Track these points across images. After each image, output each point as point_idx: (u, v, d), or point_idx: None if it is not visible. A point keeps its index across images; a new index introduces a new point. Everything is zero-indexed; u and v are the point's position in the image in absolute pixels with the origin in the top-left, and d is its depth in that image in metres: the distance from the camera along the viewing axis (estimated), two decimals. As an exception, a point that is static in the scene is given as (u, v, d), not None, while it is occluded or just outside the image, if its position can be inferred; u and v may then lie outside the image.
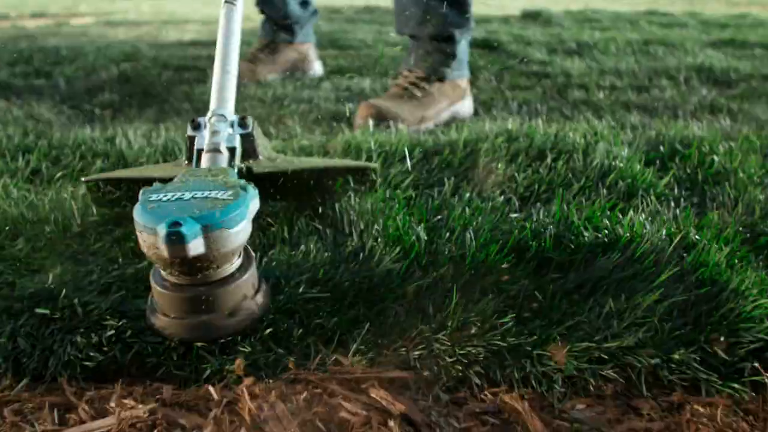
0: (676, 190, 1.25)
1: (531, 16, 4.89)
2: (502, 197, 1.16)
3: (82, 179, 1.02)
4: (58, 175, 1.19)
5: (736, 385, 0.76)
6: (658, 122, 1.86)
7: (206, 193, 0.74)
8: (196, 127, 0.96)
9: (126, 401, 0.70)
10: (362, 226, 0.99)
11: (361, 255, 0.93)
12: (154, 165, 1.10)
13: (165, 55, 2.67)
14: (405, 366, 0.77)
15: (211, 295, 0.73)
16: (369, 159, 1.30)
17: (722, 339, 0.79)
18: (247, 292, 0.76)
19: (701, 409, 0.73)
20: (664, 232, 0.97)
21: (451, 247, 0.95)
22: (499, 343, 0.79)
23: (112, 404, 0.69)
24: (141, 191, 0.76)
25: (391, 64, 2.69)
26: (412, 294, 0.86)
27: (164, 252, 0.67)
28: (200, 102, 1.95)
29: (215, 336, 0.75)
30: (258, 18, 2.48)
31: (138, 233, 0.71)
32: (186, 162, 1.00)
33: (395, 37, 3.53)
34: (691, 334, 0.81)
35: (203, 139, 0.93)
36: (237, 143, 0.94)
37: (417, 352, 0.78)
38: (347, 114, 1.83)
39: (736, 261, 0.94)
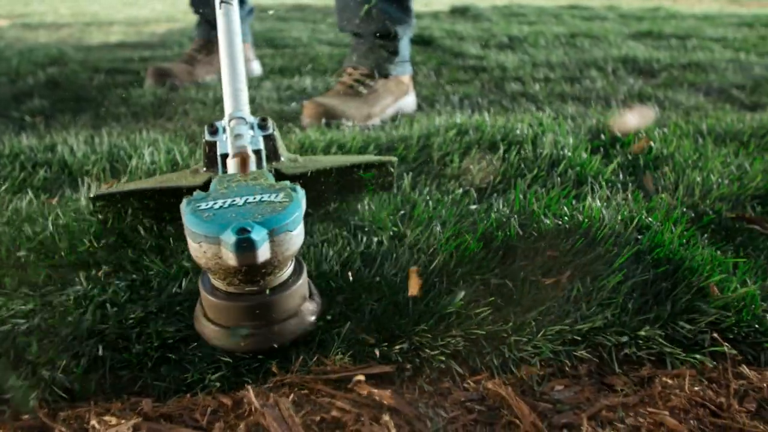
0: (621, 176, 1.31)
1: (459, 12, 4.98)
2: (461, 189, 1.18)
3: (90, 195, 0.97)
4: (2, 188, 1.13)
5: (698, 356, 0.80)
6: (594, 111, 1.94)
7: (258, 197, 0.72)
8: (214, 131, 0.93)
9: (106, 418, 0.67)
10: (330, 225, 0.98)
11: (333, 253, 0.92)
12: (167, 174, 1.05)
13: (93, 58, 2.55)
14: (387, 361, 0.78)
15: (271, 302, 0.72)
16: (322, 154, 1.29)
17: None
18: (303, 297, 0.76)
19: (669, 381, 0.77)
20: (619, 216, 1.02)
21: (420, 240, 0.96)
22: (476, 331, 0.81)
23: (93, 423, 0.66)
24: (184, 201, 0.73)
25: (330, 62, 2.68)
26: (387, 289, 0.86)
27: (231, 260, 0.65)
28: (138, 105, 1.89)
29: (278, 343, 0.74)
30: (184, 17, 2.41)
31: (195, 244, 0.68)
32: (204, 168, 0.96)
33: (330, 35, 3.52)
34: (653, 311, 0.86)
35: (225, 144, 0.90)
36: (262, 145, 0.92)
37: (398, 346, 0.79)
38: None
39: (684, 241, 1.00)
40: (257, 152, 0.89)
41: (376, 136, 1.45)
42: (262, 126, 0.95)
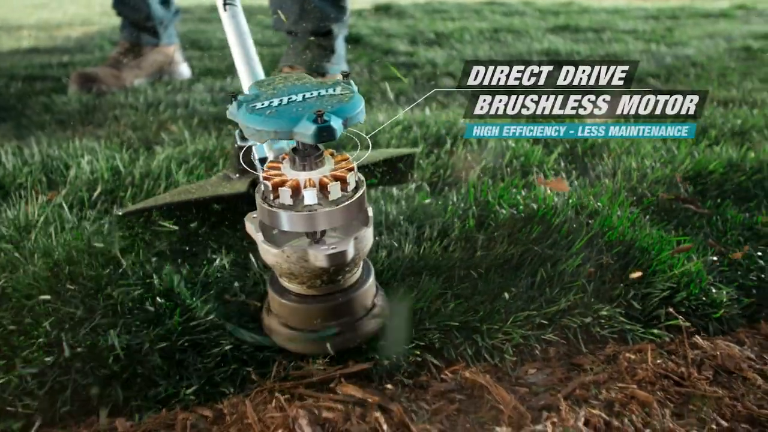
0: (562, 164, 1.36)
1: (383, 9, 5.01)
2: (414, 184, 1.20)
3: (119, 212, 0.92)
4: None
5: (655, 331, 0.85)
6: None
7: (316, 93, 0.69)
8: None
9: (80, 442, 0.64)
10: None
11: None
12: (191, 185, 0.99)
13: (6, 64, 2.40)
14: (364, 359, 0.78)
15: (352, 300, 0.74)
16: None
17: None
18: (375, 293, 0.78)
19: (633, 356, 0.81)
20: (570, 203, 1.05)
21: (383, 237, 0.96)
22: (448, 323, 0.82)
23: (67, 448, 0.63)
24: (234, 104, 0.70)
25: (261, 62, 2.63)
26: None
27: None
28: (63, 113, 1.79)
29: (363, 339, 0.76)
30: (100, 19, 2.30)
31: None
32: (237, 174, 0.94)
33: (257, 35, 3.46)
34: (611, 291, 0.90)
35: (262, 147, 0.87)
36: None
37: (374, 345, 0.79)
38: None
39: (630, 223, 1.05)
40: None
41: (322, 136, 1.43)
42: None
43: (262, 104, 0.68)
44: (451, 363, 0.79)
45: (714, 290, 0.91)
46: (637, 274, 0.89)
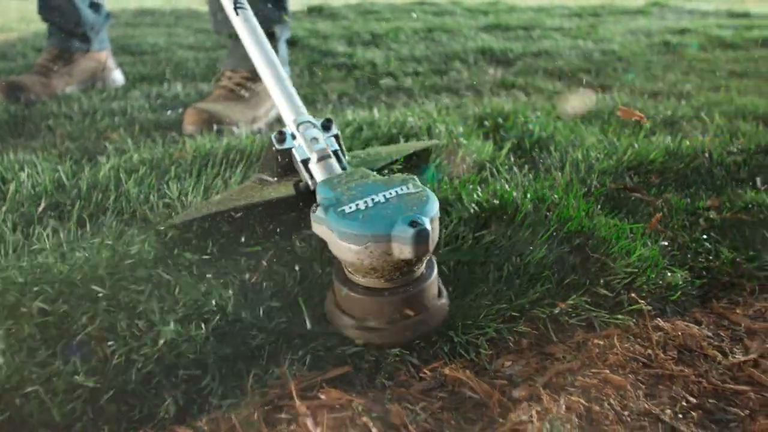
0: (512, 158, 1.39)
1: (316, 11, 4.99)
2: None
3: (165, 225, 0.87)
4: None
5: (620, 316, 0.88)
6: (470, 100, 2.04)
7: (393, 192, 0.75)
8: (283, 139, 0.91)
9: (54, 471, 0.60)
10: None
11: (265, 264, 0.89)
12: (230, 191, 0.95)
13: None
14: (343, 362, 0.77)
15: (421, 292, 0.76)
16: (224, 162, 1.24)
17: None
18: (437, 286, 0.81)
19: (601, 342, 0.84)
20: (528, 196, 1.08)
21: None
22: (423, 321, 0.82)
23: (41, 478, 0.59)
24: (318, 210, 0.74)
25: (196, 67, 2.57)
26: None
27: (407, 254, 0.69)
28: (-6, 125, 1.69)
29: (428, 331, 0.79)
30: (18, 26, 2.17)
31: (359, 247, 0.71)
32: (275, 178, 0.93)
33: (189, 39, 3.37)
34: (576, 280, 0.92)
35: (302, 149, 0.88)
36: (337, 146, 0.92)
37: (351, 347, 0.78)
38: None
39: (584, 213, 1.08)
40: (335, 153, 0.90)
41: (273, 139, 1.41)
42: (327, 127, 0.94)
43: (350, 208, 0.73)
44: (429, 361, 0.79)
45: (669, 274, 0.96)
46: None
